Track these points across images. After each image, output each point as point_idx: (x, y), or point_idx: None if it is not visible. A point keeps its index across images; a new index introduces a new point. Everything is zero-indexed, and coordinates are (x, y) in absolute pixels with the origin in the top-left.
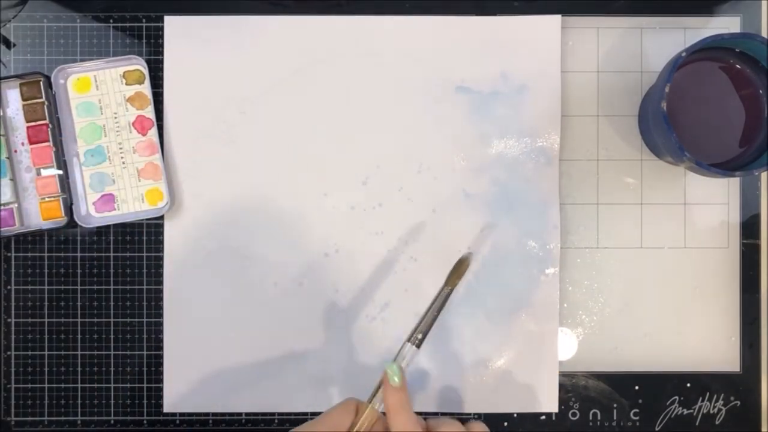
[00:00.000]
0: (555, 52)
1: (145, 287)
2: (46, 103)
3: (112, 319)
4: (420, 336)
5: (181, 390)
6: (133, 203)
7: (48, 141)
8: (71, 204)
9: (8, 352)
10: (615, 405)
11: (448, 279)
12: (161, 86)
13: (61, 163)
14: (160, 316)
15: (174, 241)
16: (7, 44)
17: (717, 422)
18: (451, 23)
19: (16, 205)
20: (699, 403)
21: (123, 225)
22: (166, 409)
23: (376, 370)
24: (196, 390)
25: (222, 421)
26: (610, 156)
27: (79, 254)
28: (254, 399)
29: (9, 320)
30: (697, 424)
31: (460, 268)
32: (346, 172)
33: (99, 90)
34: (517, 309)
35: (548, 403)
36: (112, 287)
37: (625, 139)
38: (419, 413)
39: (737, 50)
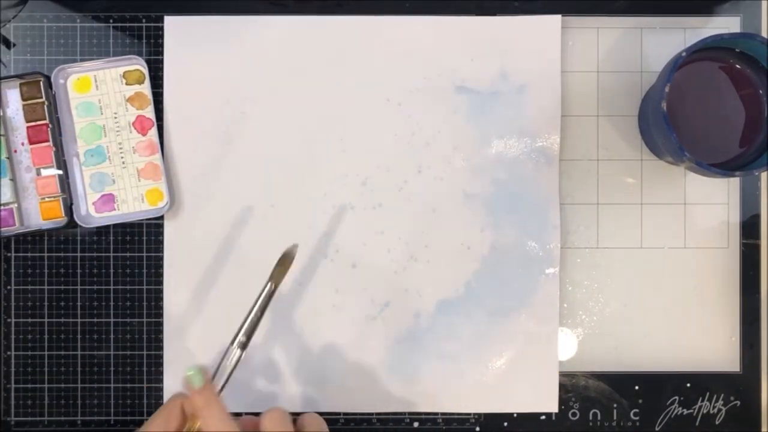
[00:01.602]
0: (555, 52)
1: (145, 287)
2: (46, 103)
3: (112, 319)
4: (243, 338)
5: (181, 390)
6: (133, 203)
7: (48, 141)
8: (71, 204)
9: (8, 352)
10: (615, 405)
11: (271, 275)
12: (161, 86)
13: (61, 163)
14: (160, 316)
15: (174, 241)
16: (7, 44)
17: (717, 422)
18: (451, 23)
19: (15, 205)
20: (699, 403)
21: (123, 225)
22: None
23: (376, 370)
24: None
25: None
26: (610, 156)
27: (79, 254)
28: (254, 399)
29: (9, 320)
30: (697, 424)
31: (284, 262)
32: (346, 172)
33: (99, 90)
34: (517, 309)
35: (548, 403)
36: (112, 287)
37: (625, 139)
38: (419, 413)
39: (737, 50)
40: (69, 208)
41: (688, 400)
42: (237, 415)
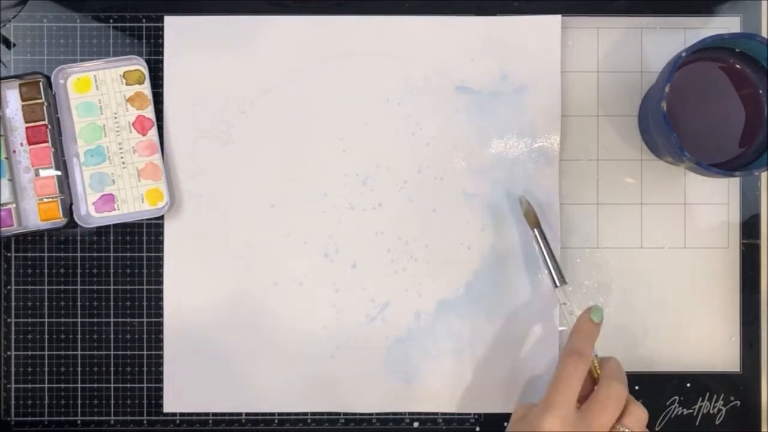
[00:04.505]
0: (555, 52)
1: (145, 287)
2: (45, 104)
3: (112, 319)
4: (559, 275)
5: (181, 390)
6: (133, 203)
7: (47, 142)
8: (71, 204)
9: (8, 352)
10: None
11: (530, 224)
12: (161, 86)
13: (60, 163)
14: (160, 316)
15: (174, 241)
16: (7, 44)
17: (717, 422)
18: (451, 23)
19: (14, 205)
20: (699, 403)
21: (123, 225)
22: (166, 409)
23: (376, 370)
24: (196, 390)
25: (222, 421)
26: (610, 156)
27: (79, 254)
28: (254, 399)
29: (9, 320)
30: (697, 424)
31: (528, 216)
32: (346, 172)
33: (99, 90)
34: (517, 309)
35: None
36: (112, 287)
37: (625, 139)
38: (419, 413)
39: (737, 50)
40: (68, 209)
41: (688, 400)
42: (237, 415)
